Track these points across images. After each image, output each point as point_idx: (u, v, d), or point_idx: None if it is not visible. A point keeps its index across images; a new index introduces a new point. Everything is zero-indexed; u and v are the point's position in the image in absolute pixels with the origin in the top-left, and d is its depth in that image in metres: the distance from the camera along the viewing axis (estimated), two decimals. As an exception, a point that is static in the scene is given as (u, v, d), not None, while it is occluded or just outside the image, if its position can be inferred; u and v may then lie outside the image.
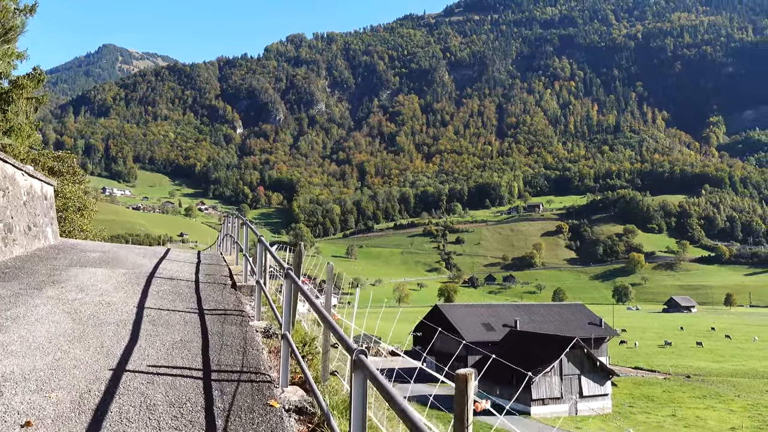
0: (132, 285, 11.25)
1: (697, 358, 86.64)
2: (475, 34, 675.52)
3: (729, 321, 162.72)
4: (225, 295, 11.36)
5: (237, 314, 9.78)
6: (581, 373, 46.85)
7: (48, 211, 15.22)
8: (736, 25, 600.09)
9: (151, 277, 12.30)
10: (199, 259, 16.75)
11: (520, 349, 50.03)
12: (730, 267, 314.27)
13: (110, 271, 12.65)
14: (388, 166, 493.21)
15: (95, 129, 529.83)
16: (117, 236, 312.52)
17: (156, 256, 16.13)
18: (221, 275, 13.78)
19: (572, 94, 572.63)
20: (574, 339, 46.92)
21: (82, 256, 14.60)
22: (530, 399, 45.05)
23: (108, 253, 15.55)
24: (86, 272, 12.11)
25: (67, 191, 21.68)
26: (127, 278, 11.87)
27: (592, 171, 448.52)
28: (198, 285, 12.16)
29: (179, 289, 11.46)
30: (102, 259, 14.36)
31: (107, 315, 8.68)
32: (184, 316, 9.12)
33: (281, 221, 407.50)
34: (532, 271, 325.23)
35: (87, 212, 23.27)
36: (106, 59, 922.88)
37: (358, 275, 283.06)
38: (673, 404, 50.79)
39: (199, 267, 14.96)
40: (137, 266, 13.74)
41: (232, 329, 8.74)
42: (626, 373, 60.28)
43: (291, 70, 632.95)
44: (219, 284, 12.53)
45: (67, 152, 27.08)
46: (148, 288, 11.12)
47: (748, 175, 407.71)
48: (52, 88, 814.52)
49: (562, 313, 72.02)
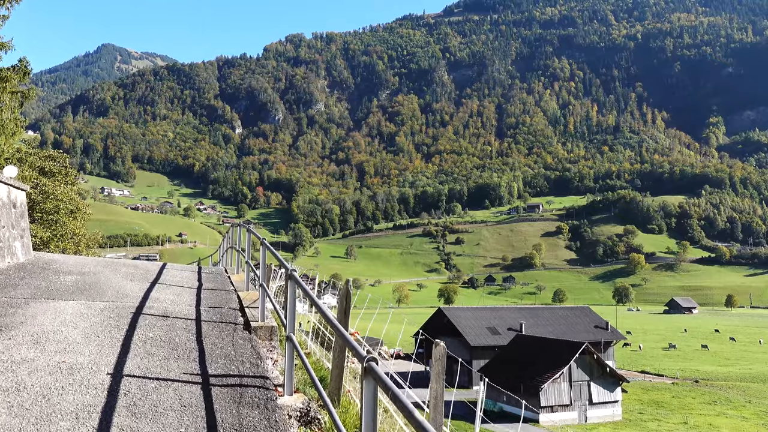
0: (110, 330, 8.27)
1: (703, 361, 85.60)
2: (475, 35, 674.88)
3: (731, 323, 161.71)
4: (237, 343, 8.35)
5: (257, 383, 6.82)
6: (591, 379, 45.67)
7: (17, 222, 12.91)
8: (735, 25, 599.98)
9: (138, 315, 9.25)
10: (200, 280, 13.60)
11: (528, 354, 48.87)
12: (730, 268, 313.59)
13: (85, 305, 9.58)
14: (387, 166, 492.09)
15: (94, 129, 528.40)
16: (115, 236, 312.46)
17: (147, 278, 12.95)
18: (229, 307, 10.66)
19: (572, 95, 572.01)
20: (584, 344, 45.75)
21: (53, 280, 11.50)
22: (539, 406, 43.88)
23: (87, 276, 12.36)
24: (51, 309, 9.10)
25: (59, 193, 20.37)
26: (105, 318, 8.88)
27: (592, 171, 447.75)
28: (200, 326, 9.11)
29: (174, 334, 8.39)
30: (78, 286, 11.19)
31: (64, 395, 5.80)
32: (180, 393, 6.22)
33: (280, 221, 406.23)
34: (532, 272, 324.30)
35: (80, 215, 21.94)
36: (105, 59, 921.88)
37: (358, 276, 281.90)
38: (683, 411, 49.68)
39: (200, 293, 11.88)
40: (121, 295, 10.73)
41: (253, 417, 5.83)
42: (633, 377, 59.17)
43: (290, 70, 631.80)
44: (227, 323, 9.50)
45: (59, 151, 25.81)
46: (131, 335, 8.15)
47: (748, 175, 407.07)
48: (51, 88, 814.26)
49: (568, 316, 70.87)
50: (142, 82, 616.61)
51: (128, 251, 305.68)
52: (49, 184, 20.35)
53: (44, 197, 19.76)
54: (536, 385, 43.94)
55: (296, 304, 7.26)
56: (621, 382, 47.55)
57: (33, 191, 19.54)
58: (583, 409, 45.22)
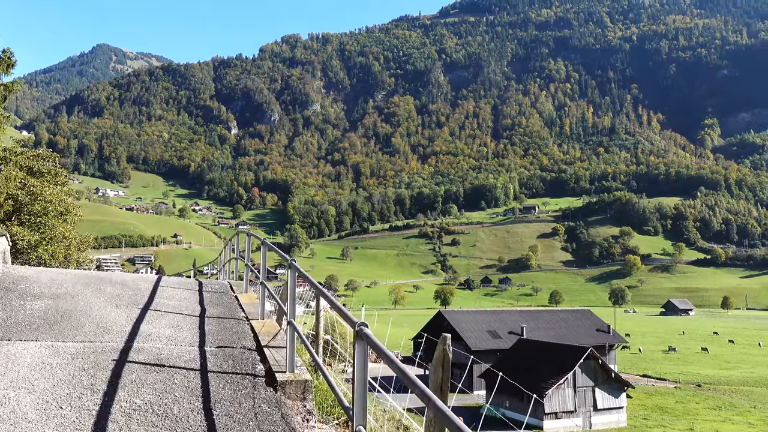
0: (81, 393, 5.77)
1: (703, 364, 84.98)
2: (471, 36, 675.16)
3: (729, 325, 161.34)
4: (260, 412, 5.93)
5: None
6: (595, 384, 44.76)
7: None
8: (730, 28, 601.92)
9: (123, 364, 6.76)
10: (202, 303, 11.02)
11: (530, 359, 47.93)
12: (726, 269, 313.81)
13: (51, 349, 6.98)
14: (383, 167, 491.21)
15: (89, 129, 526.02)
16: (109, 237, 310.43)
17: (137, 302, 10.31)
18: (242, 346, 8.10)
19: (567, 96, 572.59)
20: (589, 349, 44.84)
21: (15, 308, 8.74)
22: (542, 412, 42.95)
23: (62, 300, 9.58)
24: (2, 357, 6.56)
25: (48, 194, 19.27)
26: (76, 370, 6.37)
27: (588, 173, 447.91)
28: (206, 382, 6.53)
29: (171, 398, 5.93)
30: (47, 316, 8.48)
31: None
32: None
33: (276, 222, 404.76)
34: (528, 273, 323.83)
35: (70, 217, 20.83)
36: (100, 59, 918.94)
37: (353, 277, 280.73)
38: (688, 416, 48.89)
39: (203, 324, 9.30)
40: (102, 330, 8.11)
41: None
42: (635, 381, 58.41)
43: (286, 71, 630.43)
44: (243, 374, 6.93)
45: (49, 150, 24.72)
46: (111, 402, 5.65)
47: (744, 177, 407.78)
48: (46, 88, 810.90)
49: (569, 319, 70.03)
50: (138, 82, 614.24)
51: (123, 252, 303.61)
52: (37, 184, 19.26)
53: (32, 199, 18.68)
54: (540, 391, 42.98)
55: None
56: (626, 388, 46.67)
57: (20, 192, 18.47)
58: (588, 415, 44.34)
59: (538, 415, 43.40)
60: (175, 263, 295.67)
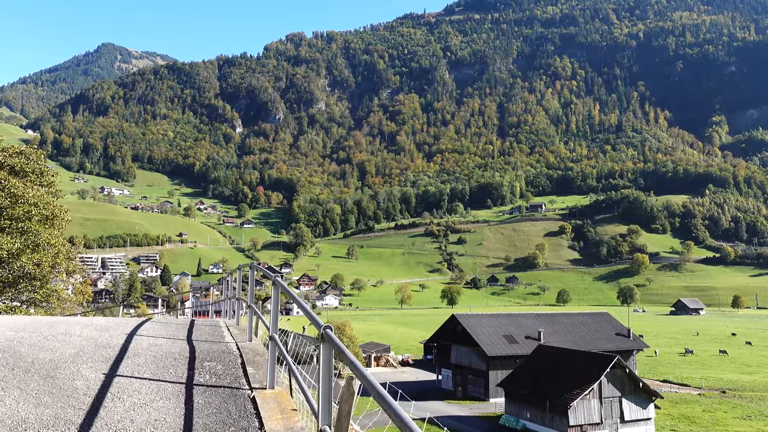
0: None
1: (724, 368, 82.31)
2: (476, 33, 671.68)
3: (742, 325, 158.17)
4: None
5: None
6: (622, 395, 42.29)
7: None
8: (738, 24, 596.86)
9: None
10: (191, 381, 6.77)
11: (551, 367, 45.52)
12: (735, 268, 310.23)
13: None
14: (388, 165, 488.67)
15: (94, 128, 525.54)
16: (114, 236, 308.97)
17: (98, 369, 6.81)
18: None
19: (574, 94, 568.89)
20: (616, 357, 42.34)
21: None
22: (567, 425, 40.53)
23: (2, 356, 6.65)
24: None
25: (31, 196, 16.95)
26: None
27: (595, 171, 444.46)
28: None
29: None
30: None
31: None
32: None
33: (281, 221, 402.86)
34: (535, 272, 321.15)
35: (57, 221, 18.49)
36: (105, 58, 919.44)
37: (359, 276, 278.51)
38: (718, 427, 46.39)
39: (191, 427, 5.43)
40: None
41: None
42: (657, 387, 55.93)
43: (291, 69, 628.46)
44: None
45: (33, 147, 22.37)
46: None
47: (752, 174, 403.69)
48: (51, 87, 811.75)
49: (587, 322, 67.55)
50: (142, 81, 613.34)
51: (128, 251, 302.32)
52: (20, 185, 16.95)
53: (13, 201, 16.39)
54: (564, 402, 40.52)
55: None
56: (654, 398, 44.15)
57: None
58: (615, 427, 41.85)
59: (562, 427, 40.97)
60: (180, 262, 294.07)
